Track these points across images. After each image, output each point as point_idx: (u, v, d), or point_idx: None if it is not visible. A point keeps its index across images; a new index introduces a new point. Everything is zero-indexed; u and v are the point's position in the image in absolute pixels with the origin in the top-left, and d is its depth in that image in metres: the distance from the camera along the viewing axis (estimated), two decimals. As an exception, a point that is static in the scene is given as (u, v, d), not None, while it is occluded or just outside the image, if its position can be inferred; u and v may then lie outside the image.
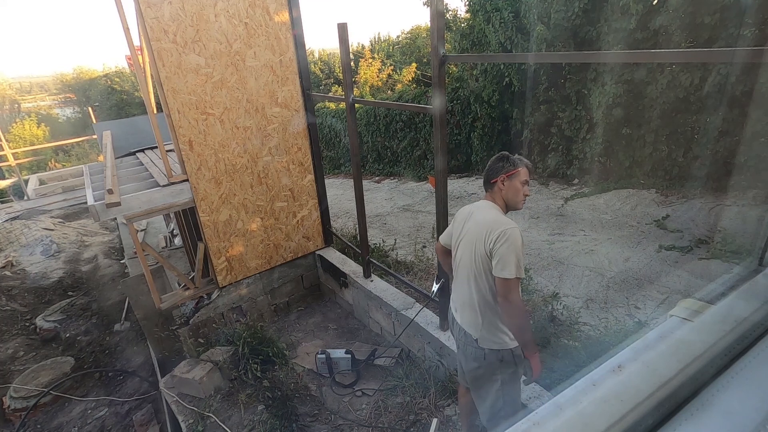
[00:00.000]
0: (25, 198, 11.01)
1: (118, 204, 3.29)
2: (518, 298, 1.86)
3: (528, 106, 7.95)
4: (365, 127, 11.94)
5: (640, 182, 6.48)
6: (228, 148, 3.71)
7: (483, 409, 2.15)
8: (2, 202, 11.39)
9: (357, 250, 4.09)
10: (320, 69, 19.62)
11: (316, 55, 21.25)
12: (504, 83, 8.17)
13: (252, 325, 3.84)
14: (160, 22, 3.14)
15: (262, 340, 3.70)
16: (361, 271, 4.06)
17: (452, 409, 2.96)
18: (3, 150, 11.69)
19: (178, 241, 6.48)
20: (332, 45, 25.99)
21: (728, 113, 5.36)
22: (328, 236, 4.69)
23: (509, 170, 1.99)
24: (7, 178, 12.88)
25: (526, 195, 2.02)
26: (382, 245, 5.39)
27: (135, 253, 5.72)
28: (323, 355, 3.55)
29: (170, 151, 4.17)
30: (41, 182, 12.26)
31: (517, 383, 2.11)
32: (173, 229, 6.86)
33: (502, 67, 8.14)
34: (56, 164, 18.62)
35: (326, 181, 4.62)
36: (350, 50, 3.65)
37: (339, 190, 10.29)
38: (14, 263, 6.73)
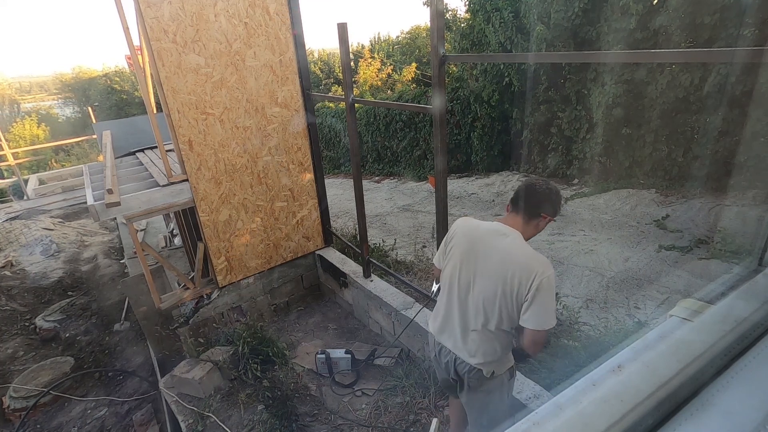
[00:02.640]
0: (25, 198, 11.00)
1: (117, 204, 3.29)
2: (545, 341, 1.75)
3: (528, 106, 7.95)
4: (365, 127, 11.94)
5: (639, 182, 6.48)
6: (228, 148, 3.71)
7: (487, 427, 2.07)
8: (2, 202, 11.38)
9: (357, 250, 4.09)
10: (320, 69, 19.64)
11: (316, 55, 21.28)
12: (504, 83, 8.18)
13: (252, 325, 3.84)
14: (160, 22, 3.14)
15: (262, 340, 3.70)
16: (361, 271, 4.06)
17: (452, 409, 2.96)
18: (3, 150, 11.68)
19: (177, 241, 6.48)
20: (332, 45, 26.01)
21: (728, 113, 5.36)
22: (328, 236, 4.69)
23: (555, 215, 1.84)
24: (7, 178, 12.88)
25: None
26: (382, 245, 5.39)
27: (135, 253, 5.72)
28: (323, 355, 3.55)
29: (170, 151, 4.17)
30: (41, 182, 12.25)
31: (513, 387, 2.10)
32: (173, 229, 6.85)
33: (502, 67, 8.14)
34: (56, 164, 18.63)
35: (326, 181, 4.62)
36: (350, 50, 3.65)
37: (339, 190, 10.28)
38: (14, 263, 6.73)
